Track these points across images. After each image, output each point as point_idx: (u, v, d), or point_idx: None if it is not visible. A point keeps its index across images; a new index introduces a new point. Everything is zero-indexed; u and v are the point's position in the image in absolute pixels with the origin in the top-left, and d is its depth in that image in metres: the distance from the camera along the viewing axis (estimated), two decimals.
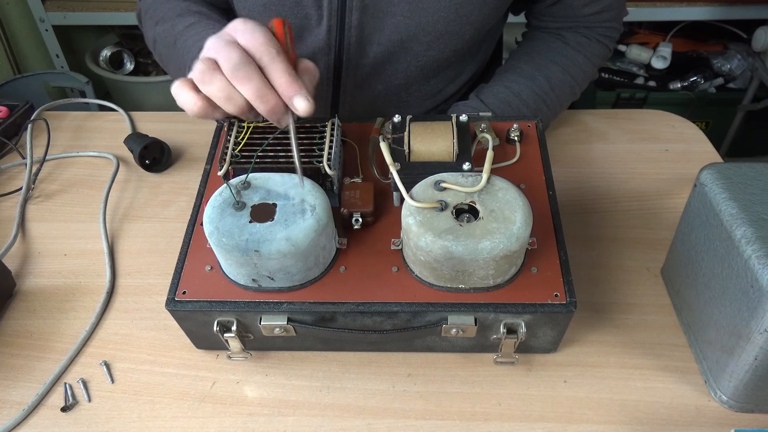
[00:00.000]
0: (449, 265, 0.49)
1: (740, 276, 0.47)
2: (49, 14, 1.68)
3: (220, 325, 0.53)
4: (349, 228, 0.55)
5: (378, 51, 0.72)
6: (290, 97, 0.47)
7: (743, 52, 1.75)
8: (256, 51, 0.47)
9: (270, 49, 0.47)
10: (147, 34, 0.78)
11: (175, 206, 0.74)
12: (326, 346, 0.58)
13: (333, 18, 0.69)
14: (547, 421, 0.53)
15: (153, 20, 0.76)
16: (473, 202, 0.50)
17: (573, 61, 0.76)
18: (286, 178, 0.52)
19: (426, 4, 0.67)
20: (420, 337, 0.54)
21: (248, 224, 0.49)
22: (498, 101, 0.73)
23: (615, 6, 0.76)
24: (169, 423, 0.54)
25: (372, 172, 0.59)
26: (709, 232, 0.52)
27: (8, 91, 1.48)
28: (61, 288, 0.65)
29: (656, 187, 0.75)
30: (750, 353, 0.48)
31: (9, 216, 0.74)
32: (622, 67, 1.79)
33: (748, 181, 0.51)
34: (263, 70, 0.48)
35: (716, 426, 0.53)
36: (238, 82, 0.47)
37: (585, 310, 0.61)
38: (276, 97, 0.48)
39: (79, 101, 0.99)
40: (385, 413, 0.54)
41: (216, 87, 0.47)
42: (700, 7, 1.63)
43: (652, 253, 0.66)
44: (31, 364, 0.59)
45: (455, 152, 0.56)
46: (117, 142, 0.82)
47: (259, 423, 0.54)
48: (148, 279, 0.66)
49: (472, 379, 0.56)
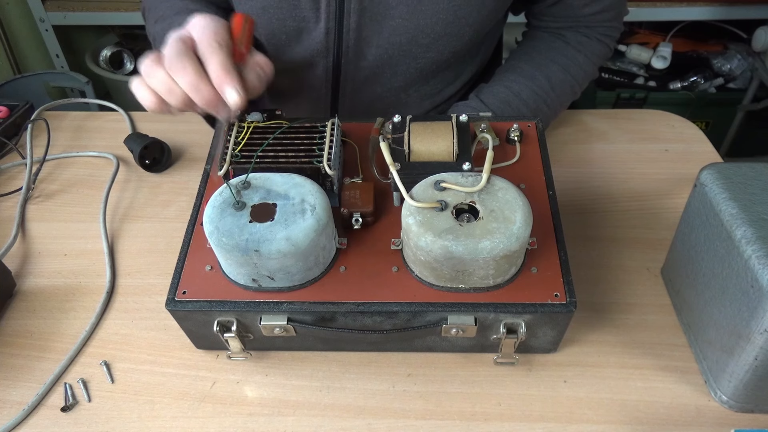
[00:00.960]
0: (449, 265, 0.49)
1: (740, 276, 0.47)
2: (49, 14, 1.68)
3: (220, 325, 0.53)
4: (349, 228, 0.55)
5: (376, 53, 0.72)
6: (222, 89, 0.48)
7: (743, 52, 1.75)
8: (200, 44, 0.48)
9: (213, 43, 0.48)
10: (149, 31, 0.78)
11: (175, 206, 0.74)
12: (326, 346, 0.58)
13: (331, 21, 0.69)
14: (547, 421, 0.53)
15: (153, 18, 0.77)
16: (473, 202, 0.50)
17: (573, 61, 0.76)
18: (286, 177, 0.52)
19: (424, 6, 0.67)
20: (420, 337, 0.54)
21: (248, 224, 0.49)
22: (498, 101, 0.73)
23: (615, 6, 0.76)
24: (169, 423, 0.54)
25: (372, 172, 0.59)
26: (709, 232, 0.52)
27: (8, 91, 1.48)
28: (61, 288, 0.65)
29: (656, 187, 0.75)
30: (750, 353, 0.48)
31: (9, 216, 0.74)
32: (622, 67, 1.79)
33: (748, 181, 0.51)
34: (203, 62, 0.48)
35: (716, 426, 0.53)
36: (175, 73, 0.48)
37: (585, 310, 0.61)
38: (210, 88, 0.48)
39: (79, 101, 0.99)
40: (385, 413, 0.54)
41: (157, 80, 0.48)
42: (700, 7, 1.63)
43: (652, 253, 0.66)
44: (31, 364, 0.59)
45: (455, 152, 0.56)
46: (117, 142, 0.82)
47: (259, 423, 0.54)
48: (148, 279, 0.66)
49: (472, 379, 0.56)
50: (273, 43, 0.73)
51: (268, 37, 0.73)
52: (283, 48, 0.74)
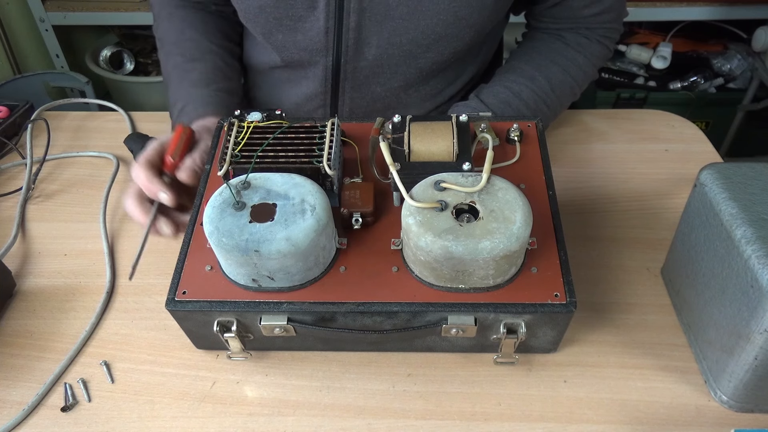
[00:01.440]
0: (449, 265, 0.49)
1: (740, 276, 0.47)
2: (49, 14, 1.68)
3: (220, 325, 0.53)
4: (349, 228, 0.55)
5: (376, 53, 0.72)
6: (155, 196, 0.62)
7: (743, 52, 1.75)
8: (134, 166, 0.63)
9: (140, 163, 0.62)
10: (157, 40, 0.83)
11: None
12: (326, 346, 0.58)
13: (331, 20, 0.69)
14: (547, 421, 0.53)
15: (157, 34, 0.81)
16: (473, 202, 0.50)
17: (573, 62, 0.76)
18: (286, 178, 0.52)
19: (424, 7, 0.67)
20: (420, 337, 0.54)
21: (248, 224, 0.49)
22: (498, 101, 0.73)
23: (615, 7, 0.76)
24: (169, 423, 0.54)
25: (372, 172, 0.59)
26: (709, 232, 0.52)
27: (8, 91, 1.47)
28: (61, 288, 0.65)
29: (656, 187, 0.75)
30: (750, 353, 0.48)
31: (9, 216, 0.74)
32: (622, 67, 1.79)
33: (748, 181, 0.51)
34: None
35: (716, 426, 0.53)
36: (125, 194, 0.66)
37: (585, 310, 0.61)
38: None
39: (79, 101, 0.99)
40: (385, 413, 0.54)
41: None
42: (700, 7, 1.63)
43: (652, 253, 0.66)
44: (31, 364, 0.59)
45: (455, 152, 0.56)
46: (117, 142, 0.82)
47: (259, 423, 0.54)
48: (148, 279, 0.66)
49: (472, 379, 0.56)
50: (271, 41, 0.73)
51: (265, 36, 0.73)
52: (281, 47, 0.74)
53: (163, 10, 0.81)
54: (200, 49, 0.78)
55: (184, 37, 0.79)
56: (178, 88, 0.76)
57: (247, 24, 0.75)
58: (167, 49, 0.79)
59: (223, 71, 0.78)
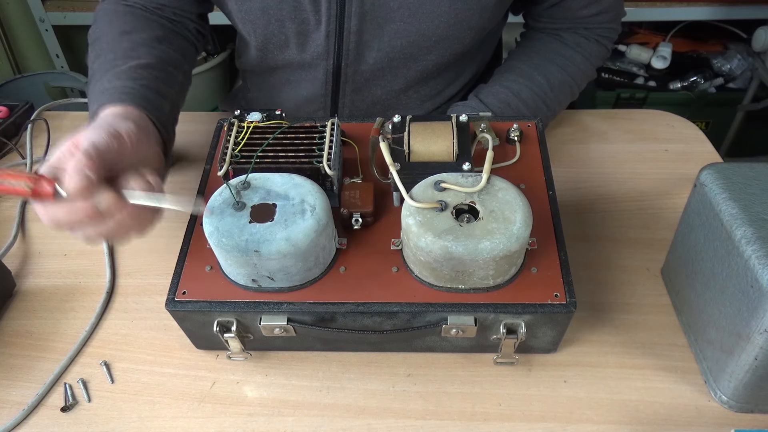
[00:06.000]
0: (449, 266, 0.49)
1: (740, 276, 0.47)
2: (49, 14, 1.68)
3: (220, 326, 0.53)
4: (349, 228, 0.55)
5: (377, 56, 0.72)
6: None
7: (743, 52, 1.75)
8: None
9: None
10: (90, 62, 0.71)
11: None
12: (326, 346, 0.58)
13: (332, 23, 0.69)
14: (547, 421, 0.53)
15: (92, 36, 0.75)
16: (473, 203, 0.50)
17: (572, 61, 0.76)
18: (286, 178, 0.52)
19: (425, 9, 0.67)
20: (420, 338, 0.54)
21: (248, 224, 0.49)
22: (497, 101, 0.73)
23: (614, 7, 0.76)
24: (169, 423, 0.54)
25: (372, 172, 0.59)
26: (709, 232, 0.52)
27: (8, 91, 1.48)
28: (61, 288, 0.65)
29: (656, 187, 0.75)
30: (750, 353, 0.48)
31: (9, 216, 0.74)
32: (622, 67, 1.79)
33: (747, 181, 0.51)
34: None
35: (716, 426, 0.53)
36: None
37: (585, 310, 0.61)
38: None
39: (79, 101, 0.99)
40: (385, 413, 0.54)
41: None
42: (700, 7, 1.63)
43: (652, 253, 0.66)
44: (31, 364, 0.59)
45: (455, 152, 0.56)
46: None
47: (259, 423, 0.54)
48: (148, 279, 0.66)
49: (472, 379, 0.56)
50: (272, 44, 0.73)
51: (267, 39, 0.73)
52: (283, 50, 0.74)
53: (107, 15, 0.74)
54: (137, 51, 0.68)
55: (123, 39, 0.70)
56: (101, 80, 0.64)
57: (244, 28, 0.74)
58: (101, 47, 0.70)
59: (158, 74, 0.66)
